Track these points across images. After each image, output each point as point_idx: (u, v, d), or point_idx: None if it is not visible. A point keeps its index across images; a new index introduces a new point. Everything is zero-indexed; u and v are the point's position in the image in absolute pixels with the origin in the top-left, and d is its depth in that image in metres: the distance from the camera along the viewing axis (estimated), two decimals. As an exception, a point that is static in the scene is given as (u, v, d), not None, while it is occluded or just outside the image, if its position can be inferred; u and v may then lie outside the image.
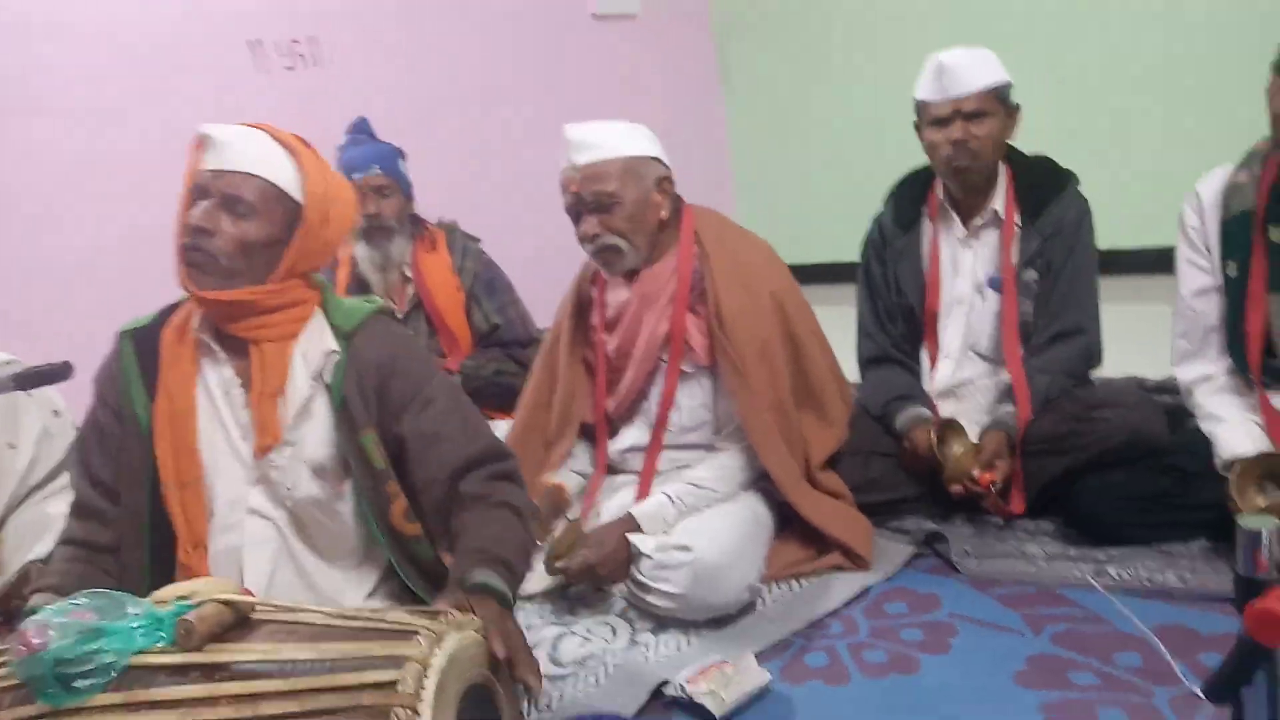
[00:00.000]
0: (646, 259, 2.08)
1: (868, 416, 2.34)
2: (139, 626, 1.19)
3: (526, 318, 2.83)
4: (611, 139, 2.03)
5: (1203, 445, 1.92)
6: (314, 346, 1.47)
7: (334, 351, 1.46)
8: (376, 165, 2.63)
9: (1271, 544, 0.93)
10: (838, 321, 2.53)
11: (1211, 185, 1.98)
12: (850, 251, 2.51)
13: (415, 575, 1.48)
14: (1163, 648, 1.54)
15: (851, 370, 2.44)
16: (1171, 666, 1.50)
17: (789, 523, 2.10)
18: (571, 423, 2.22)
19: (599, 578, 1.93)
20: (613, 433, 2.22)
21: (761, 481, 2.09)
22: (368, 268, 2.69)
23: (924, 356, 2.37)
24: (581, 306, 2.26)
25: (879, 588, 1.94)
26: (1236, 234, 1.90)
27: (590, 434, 2.25)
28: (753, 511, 2.02)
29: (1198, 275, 2.01)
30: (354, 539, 1.51)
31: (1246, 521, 0.94)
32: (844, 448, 2.21)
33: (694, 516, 1.97)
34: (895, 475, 2.23)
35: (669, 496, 1.98)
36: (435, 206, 3.02)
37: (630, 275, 2.10)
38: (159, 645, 1.17)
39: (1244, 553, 0.94)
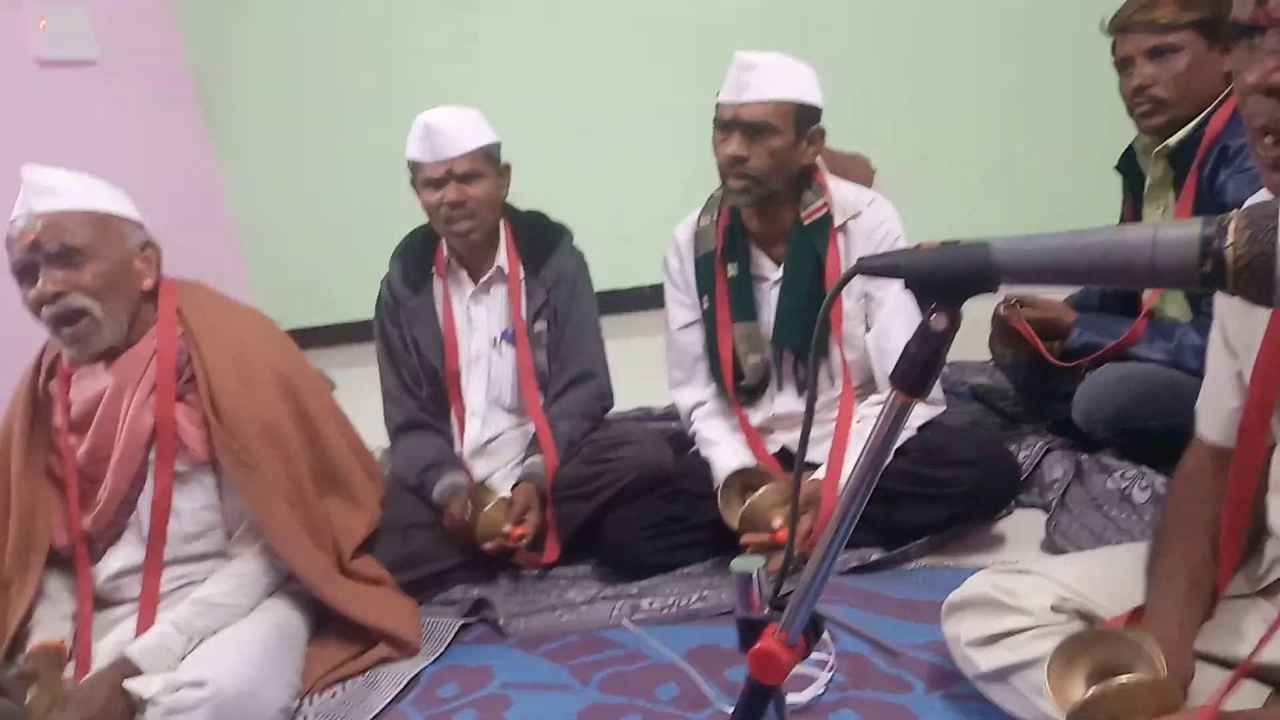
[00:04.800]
0: (124, 338, 1.77)
1: (402, 488, 2.23)
2: None
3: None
4: (83, 188, 1.73)
5: (704, 468, 2.10)
6: None
7: None
8: None
9: (762, 583, 0.98)
10: (373, 384, 2.40)
11: (685, 230, 2.21)
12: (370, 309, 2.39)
13: None
14: (694, 672, 1.62)
15: (383, 436, 2.32)
16: (703, 690, 1.59)
17: (326, 621, 1.92)
18: (35, 551, 1.81)
19: (90, 742, 1.58)
20: (97, 556, 1.86)
21: (289, 583, 1.88)
22: None
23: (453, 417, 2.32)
24: (38, 405, 1.86)
25: (429, 671, 1.83)
26: (705, 271, 2.14)
27: (65, 563, 1.86)
28: (277, 621, 1.80)
29: (681, 311, 2.22)
30: None
31: (737, 565, 0.98)
32: (379, 525, 2.08)
33: (207, 642, 1.71)
34: (438, 546, 2.15)
35: (173, 624, 1.70)
36: None
37: (102, 360, 1.78)
38: None
39: (739, 595, 0.98)
